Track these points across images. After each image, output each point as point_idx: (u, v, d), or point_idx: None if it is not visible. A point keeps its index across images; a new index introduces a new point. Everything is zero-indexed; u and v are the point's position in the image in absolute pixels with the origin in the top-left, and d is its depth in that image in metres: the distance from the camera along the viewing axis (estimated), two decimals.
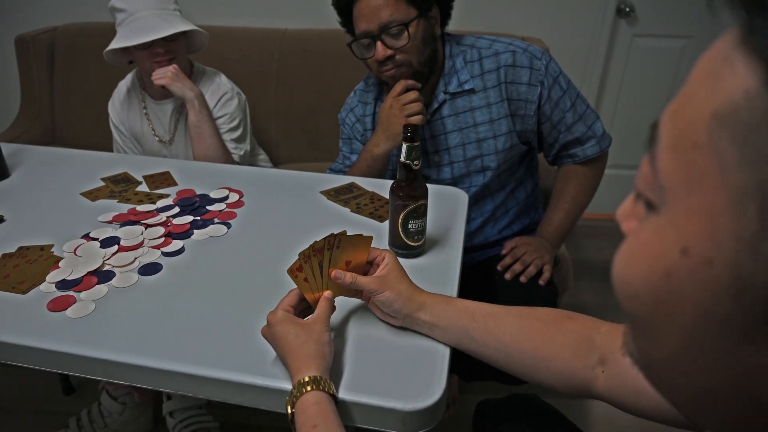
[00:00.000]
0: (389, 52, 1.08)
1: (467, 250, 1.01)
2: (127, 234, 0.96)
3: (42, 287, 0.83)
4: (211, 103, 1.43)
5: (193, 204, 1.06)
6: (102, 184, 1.15)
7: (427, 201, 0.87)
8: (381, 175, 1.20)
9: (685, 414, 0.32)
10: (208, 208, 1.05)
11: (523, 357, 0.67)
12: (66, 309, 0.79)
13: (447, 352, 0.72)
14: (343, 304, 0.79)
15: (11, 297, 0.81)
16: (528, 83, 1.14)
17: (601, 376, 0.61)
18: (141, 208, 1.05)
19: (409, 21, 1.06)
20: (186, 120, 1.45)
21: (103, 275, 0.86)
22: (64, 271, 0.86)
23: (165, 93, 1.41)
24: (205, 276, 0.87)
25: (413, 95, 1.10)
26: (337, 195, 1.11)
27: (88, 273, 0.86)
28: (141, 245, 0.93)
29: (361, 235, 0.74)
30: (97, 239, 0.95)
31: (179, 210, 1.04)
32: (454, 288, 0.84)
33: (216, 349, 0.72)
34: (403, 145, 0.82)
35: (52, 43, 1.98)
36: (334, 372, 0.68)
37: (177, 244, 0.94)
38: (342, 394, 0.66)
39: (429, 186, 0.88)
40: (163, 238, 0.95)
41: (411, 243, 0.89)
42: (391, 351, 0.72)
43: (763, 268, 0.23)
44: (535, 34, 1.92)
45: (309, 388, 0.61)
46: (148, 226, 0.99)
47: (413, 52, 1.09)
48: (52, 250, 0.92)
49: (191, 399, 1.33)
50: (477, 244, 1.31)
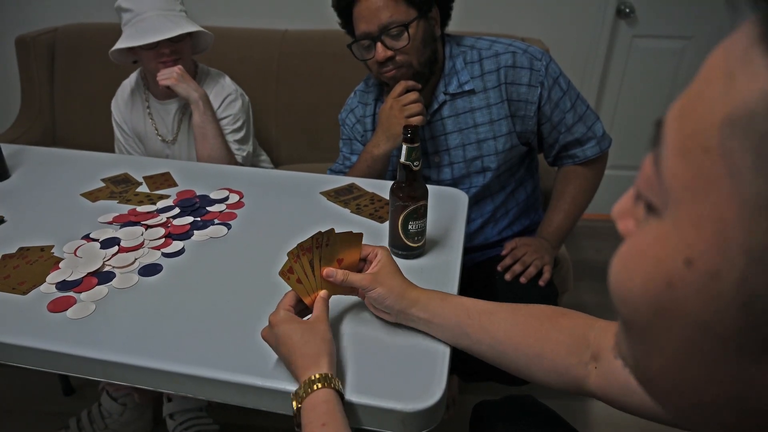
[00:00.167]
0: (389, 53, 1.08)
1: (467, 251, 1.01)
2: (128, 235, 0.96)
3: (42, 288, 0.83)
4: (215, 104, 1.43)
5: (194, 205, 1.06)
6: (102, 184, 1.15)
7: (427, 202, 0.87)
8: (381, 175, 1.20)
9: (678, 421, 0.31)
10: (209, 209, 1.06)
11: (517, 353, 0.66)
12: (66, 310, 0.79)
13: (447, 353, 0.72)
14: (343, 306, 0.79)
15: (11, 298, 0.81)
16: (528, 84, 1.14)
17: (594, 372, 0.60)
18: (141, 208, 1.05)
19: (409, 22, 1.06)
20: (189, 120, 1.46)
21: (103, 276, 0.86)
22: (65, 271, 0.86)
23: (169, 93, 1.41)
24: (205, 277, 0.87)
25: (413, 96, 1.10)
26: (337, 196, 1.11)
27: (89, 274, 0.86)
28: (141, 246, 0.94)
29: (351, 232, 0.74)
30: (97, 240, 0.95)
31: (179, 211, 1.04)
32: (454, 289, 0.84)
33: (216, 350, 0.72)
34: (403, 146, 0.82)
35: (53, 43, 1.98)
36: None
37: (177, 245, 0.94)
38: None
39: (429, 187, 0.88)
40: (163, 239, 0.95)
41: (411, 244, 0.89)
42: (391, 352, 0.72)
43: None
44: (535, 35, 1.92)
45: (319, 386, 0.61)
46: (148, 227, 0.99)
47: (413, 53, 1.09)
48: (52, 251, 0.92)
49: (191, 401, 1.33)
50: (477, 244, 1.31)
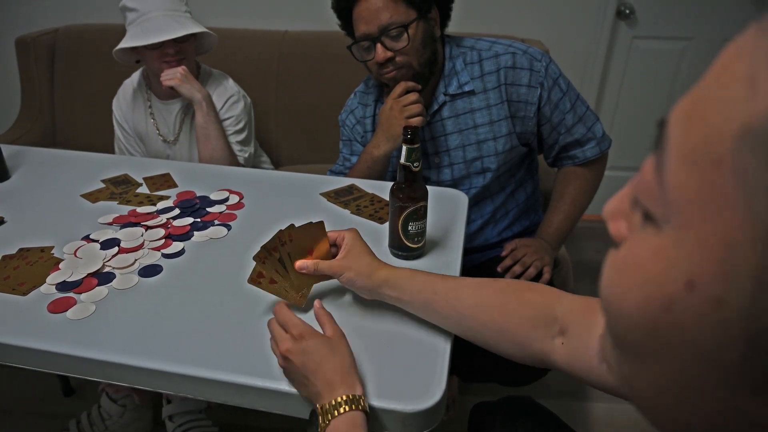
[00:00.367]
0: (389, 54, 1.08)
1: (467, 252, 1.01)
2: (128, 236, 0.96)
3: (42, 289, 0.83)
4: (217, 105, 1.43)
5: (194, 206, 1.06)
6: (102, 185, 1.15)
7: (427, 203, 0.87)
8: (381, 176, 1.20)
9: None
10: (209, 209, 1.06)
11: (483, 328, 0.67)
12: (66, 310, 0.79)
13: (447, 353, 0.72)
14: (342, 307, 0.79)
15: (11, 298, 0.81)
16: (528, 85, 1.14)
17: (560, 348, 0.60)
18: (141, 209, 1.05)
19: (408, 23, 1.07)
20: (191, 121, 1.46)
21: (103, 277, 0.86)
22: (65, 272, 0.86)
23: (172, 93, 1.41)
24: (205, 278, 0.87)
25: (413, 97, 1.10)
26: (338, 197, 1.11)
27: (89, 275, 0.86)
28: (141, 247, 0.94)
29: (311, 222, 0.76)
30: (97, 241, 0.95)
31: (179, 212, 1.04)
32: None
33: (216, 351, 0.72)
34: (403, 147, 0.82)
35: (53, 44, 1.98)
36: None
37: (177, 246, 0.94)
38: None
39: (429, 188, 0.88)
40: (163, 240, 0.95)
41: (411, 245, 0.89)
42: (391, 352, 0.72)
43: None
44: (535, 36, 1.92)
45: (350, 407, 0.59)
46: (148, 228, 0.99)
47: (413, 54, 1.09)
48: (52, 252, 0.92)
49: (191, 403, 1.33)
50: (477, 245, 1.31)
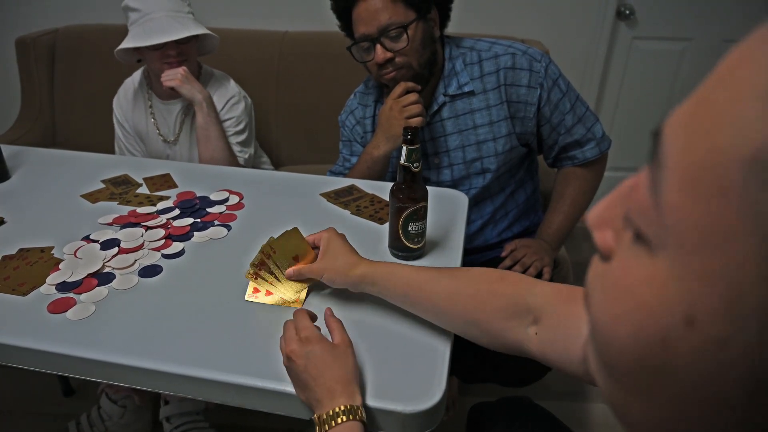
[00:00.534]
0: (389, 54, 1.08)
1: (467, 253, 1.01)
2: (128, 236, 0.96)
3: (42, 289, 0.83)
4: (218, 106, 1.43)
5: (194, 206, 1.06)
6: (102, 186, 1.15)
7: (427, 203, 0.87)
8: (381, 177, 1.20)
9: None
10: (209, 210, 1.06)
11: (458, 319, 0.68)
12: (66, 311, 0.79)
13: (447, 354, 0.72)
14: (342, 308, 0.79)
15: (11, 299, 0.81)
16: (527, 85, 1.14)
17: (534, 338, 0.60)
18: (141, 210, 1.05)
19: (407, 23, 1.07)
20: (191, 121, 1.46)
21: (103, 277, 0.86)
22: (65, 273, 0.86)
23: (172, 93, 1.41)
24: (205, 278, 0.87)
25: (413, 97, 1.10)
26: (337, 197, 1.11)
27: (89, 275, 0.86)
28: (141, 247, 0.94)
29: (286, 231, 0.80)
30: (97, 241, 0.95)
31: (179, 212, 1.04)
32: None
33: (217, 351, 0.72)
34: (403, 148, 0.82)
35: (53, 44, 1.98)
36: None
37: (177, 246, 0.94)
38: None
39: (429, 188, 0.88)
40: (163, 240, 0.95)
41: (411, 245, 0.89)
42: (391, 353, 0.72)
43: None
44: (534, 36, 1.92)
45: (348, 418, 0.59)
46: (148, 228, 0.99)
47: (412, 55, 1.09)
48: (52, 252, 0.92)
49: (189, 405, 1.33)
50: (477, 246, 1.31)
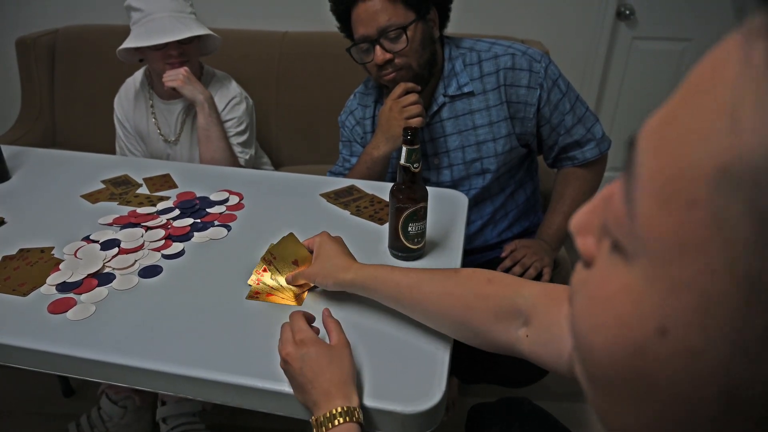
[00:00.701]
0: (388, 56, 1.09)
1: (467, 253, 1.01)
2: (128, 236, 0.96)
3: (42, 289, 0.83)
4: (219, 106, 1.43)
5: (194, 206, 1.07)
6: (102, 186, 1.15)
7: (427, 204, 0.87)
8: (381, 177, 1.20)
9: None
10: (209, 210, 1.06)
11: (448, 321, 0.69)
12: (66, 311, 0.79)
13: (447, 355, 0.72)
14: (342, 308, 0.79)
15: (12, 299, 0.81)
16: (527, 86, 1.14)
17: (525, 339, 0.60)
18: (141, 210, 1.05)
19: (407, 25, 1.07)
20: (192, 121, 1.46)
21: (103, 277, 0.86)
22: (65, 273, 0.86)
23: (174, 93, 1.41)
24: (205, 278, 0.87)
25: (413, 98, 1.10)
26: (337, 198, 1.11)
27: (89, 275, 0.86)
28: (141, 248, 0.94)
29: (282, 237, 0.82)
30: (97, 241, 0.95)
31: (179, 212, 1.04)
32: None
33: (217, 352, 0.72)
34: (403, 148, 0.82)
35: (53, 45, 1.98)
36: None
37: (177, 247, 0.94)
38: None
39: (429, 189, 0.88)
40: (163, 241, 0.96)
41: (411, 246, 0.89)
42: (391, 354, 0.72)
43: (765, 380, 0.17)
44: (534, 37, 1.93)
45: (345, 419, 0.59)
46: (148, 229, 0.99)
47: (412, 56, 1.09)
48: (52, 253, 0.92)
49: (185, 406, 1.33)
50: (477, 246, 1.31)
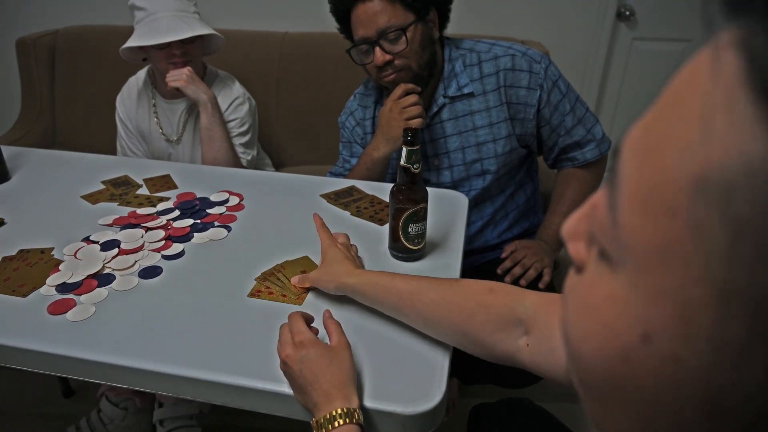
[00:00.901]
0: (388, 57, 1.08)
1: (467, 254, 1.01)
2: (128, 237, 0.96)
3: (42, 290, 0.83)
4: (222, 106, 1.42)
5: (194, 207, 1.06)
6: (102, 187, 1.15)
7: (427, 204, 0.87)
8: (381, 178, 1.20)
9: None
10: (209, 211, 1.06)
11: (449, 330, 0.69)
12: (66, 312, 0.79)
13: (447, 355, 0.72)
14: (342, 309, 0.79)
15: (11, 300, 0.81)
16: (527, 87, 1.14)
17: (525, 349, 0.60)
18: (141, 211, 1.05)
19: (406, 26, 1.07)
20: (195, 121, 1.46)
21: (103, 278, 0.86)
22: (65, 274, 0.86)
23: (176, 93, 1.41)
24: (205, 279, 0.87)
25: (413, 98, 1.10)
26: (337, 198, 1.11)
27: (89, 276, 0.86)
28: (141, 248, 0.94)
29: (298, 258, 0.89)
30: (97, 242, 0.95)
31: (179, 213, 1.04)
32: None
33: (217, 353, 0.72)
34: (403, 149, 0.82)
35: (53, 45, 1.98)
36: None
37: (177, 247, 0.94)
38: None
39: (429, 189, 0.88)
40: (163, 241, 0.95)
41: (411, 246, 0.89)
42: (391, 355, 0.72)
43: (746, 387, 0.18)
44: (534, 38, 1.93)
45: (345, 421, 0.58)
46: (148, 229, 0.99)
47: (412, 57, 1.09)
48: (52, 253, 0.92)
49: (182, 408, 1.32)
50: (477, 247, 1.31)
